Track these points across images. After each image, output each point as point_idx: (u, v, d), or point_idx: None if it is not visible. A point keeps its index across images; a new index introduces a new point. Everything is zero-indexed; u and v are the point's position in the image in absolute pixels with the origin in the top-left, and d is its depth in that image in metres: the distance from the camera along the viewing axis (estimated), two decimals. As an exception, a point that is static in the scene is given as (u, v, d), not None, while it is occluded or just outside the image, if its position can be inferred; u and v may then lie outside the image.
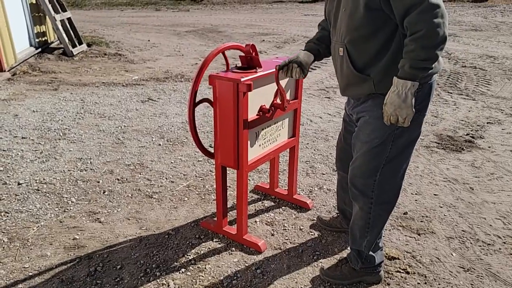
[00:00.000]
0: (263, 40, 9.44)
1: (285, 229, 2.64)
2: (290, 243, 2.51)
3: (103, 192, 3.04)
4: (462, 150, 3.81)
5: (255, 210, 2.85)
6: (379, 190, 2.00)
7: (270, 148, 2.54)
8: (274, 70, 2.35)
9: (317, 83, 6.04)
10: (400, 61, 1.71)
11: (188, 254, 2.40)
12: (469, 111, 4.86)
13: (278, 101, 2.48)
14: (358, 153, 2.03)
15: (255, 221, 2.71)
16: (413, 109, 1.73)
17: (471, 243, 2.54)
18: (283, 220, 2.73)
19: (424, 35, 1.60)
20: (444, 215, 2.82)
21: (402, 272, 2.28)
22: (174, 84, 5.87)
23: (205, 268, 2.28)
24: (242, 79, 2.14)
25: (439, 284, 2.19)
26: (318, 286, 2.17)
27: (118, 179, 3.22)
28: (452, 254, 2.43)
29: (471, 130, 4.26)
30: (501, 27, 11.18)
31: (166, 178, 3.25)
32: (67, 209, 2.82)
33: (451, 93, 5.55)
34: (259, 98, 2.34)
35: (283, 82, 2.50)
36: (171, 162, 3.51)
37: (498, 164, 3.55)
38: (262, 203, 2.93)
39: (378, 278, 2.20)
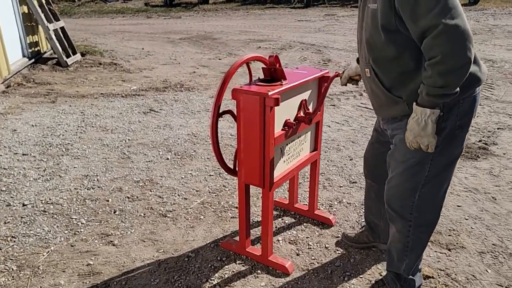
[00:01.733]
0: (259, 47, 9.35)
1: (310, 248, 2.52)
2: (318, 263, 2.39)
3: (114, 212, 2.89)
4: (477, 157, 3.73)
5: (276, 227, 2.72)
6: (418, 212, 1.89)
7: (294, 163, 2.43)
8: (302, 80, 2.25)
9: (320, 90, 5.94)
10: (420, 86, 1.61)
11: (212, 278, 2.27)
12: (477, 116, 4.80)
13: (302, 114, 2.38)
14: (393, 173, 1.92)
15: (278, 240, 2.59)
16: (435, 137, 1.63)
17: (504, 257, 2.44)
18: (307, 238, 2.61)
19: (440, 61, 1.50)
20: (471, 227, 2.72)
21: (439, 292, 2.17)
22: (174, 94, 5.73)
23: (232, 294, 2.15)
24: (270, 93, 2.02)
25: (479, 304, 2.09)
26: (354, 311, 2.05)
27: (128, 197, 3.07)
28: (487, 271, 2.33)
29: (483, 137, 4.19)
30: (494, 30, 11.24)
31: (179, 195, 3.11)
32: (78, 232, 2.67)
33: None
34: (284, 111, 2.23)
35: (306, 94, 2.40)
36: (182, 178, 3.37)
37: (517, 171, 3.47)
38: (282, 219, 2.80)
39: (414, 302, 2.09)
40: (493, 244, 2.56)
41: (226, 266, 2.36)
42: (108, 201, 3.02)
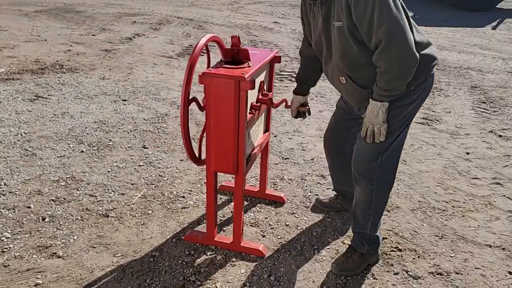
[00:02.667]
0: (135, 22, 8.75)
1: (273, 228, 2.55)
2: (285, 241, 2.44)
3: (43, 219, 2.49)
4: (379, 125, 4.17)
5: (232, 212, 2.68)
6: (380, 172, 2.09)
7: (256, 146, 2.40)
8: (264, 61, 2.21)
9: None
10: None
11: (188, 275, 2.15)
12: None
13: (260, 96, 2.34)
14: (363, 140, 2.06)
15: (239, 224, 2.55)
16: (385, 123, 1.92)
17: (430, 211, 2.82)
18: (266, 218, 2.64)
19: (384, 72, 1.79)
20: (397, 189, 3.07)
21: (396, 251, 2.42)
22: (57, 77, 5.05)
23: (216, 287, 2.08)
24: (245, 76, 1.94)
25: (429, 255, 2.40)
26: (335, 280, 2.17)
27: (53, 200, 2.67)
28: (423, 225, 2.67)
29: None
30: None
31: (113, 191, 2.81)
32: (6, 248, 2.24)
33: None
34: (250, 95, 2.17)
35: (263, 76, 2.36)
36: (108, 171, 3.05)
37: (412, 135, 3.99)
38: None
39: (378, 257, 2.31)
40: (418, 201, 2.94)
41: (198, 260, 2.26)
42: (29, 207, 2.58)
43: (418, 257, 2.38)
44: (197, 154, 2.20)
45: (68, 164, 3.09)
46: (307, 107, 2.47)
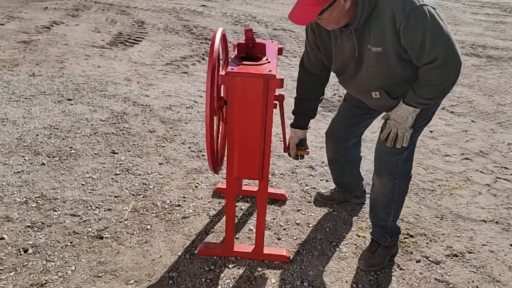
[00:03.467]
0: (46, 8, 7.84)
1: (285, 229, 2.44)
2: (302, 242, 2.35)
3: (25, 251, 2.11)
4: (343, 110, 4.20)
5: (237, 216, 2.50)
6: (402, 165, 2.09)
7: (268, 146, 2.24)
8: (275, 55, 2.05)
9: (158, 57, 5.48)
10: (410, 88, 1.84)
11: (218, 293, 1.96)
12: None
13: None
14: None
15: (250, 230, 2.40)
16: (411, 128, 1.90)
17: (422, 193, 2.91)
18: (274, 219, 2.51)
19: (435, 85, 1.77)
20: (384, 173, 3.11)
21: (408, 237, 2.46)
22: (-23, 75, 4.34)
23: (253, 303, 1.93)
24: (275, 74, 1.78)
25: (439, 238, 2.47)
26: (366, 277, 2.14)
27: (29, 227, 2.27)
28: (421, 208, 2.74)
29: (335, 90, 4.70)
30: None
31: (97, 207, 2.48)
32: (-8, 295, 1.86)
33: (286, 55, 5.95)
34: (268, 92, 2.00)
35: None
36: (82, 184, 2.68)
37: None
38: (237, 206, 2.59)
39: (397, 247, 2.32)
40: (407, 183, 3.01)
41: (222, 275, 2.07)
42: (3, 238, 2.17)
43: (430, 241, 2.44)
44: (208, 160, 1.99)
45: (31, 181, 2.66)
46: (307, 150, 2.27)
